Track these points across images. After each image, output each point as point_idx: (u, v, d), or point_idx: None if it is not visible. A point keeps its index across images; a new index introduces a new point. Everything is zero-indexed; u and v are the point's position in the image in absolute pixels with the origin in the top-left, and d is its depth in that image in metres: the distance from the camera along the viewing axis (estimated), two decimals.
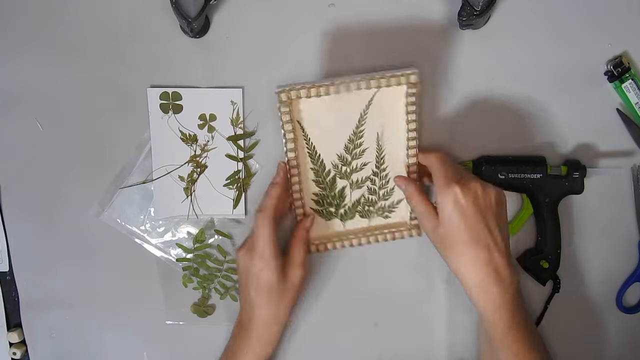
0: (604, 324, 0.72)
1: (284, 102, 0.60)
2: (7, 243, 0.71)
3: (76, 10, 0.69)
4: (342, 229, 0.69)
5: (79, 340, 0.72)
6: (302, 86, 0.60)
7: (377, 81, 0.61)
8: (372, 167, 0.67)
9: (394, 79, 0.61)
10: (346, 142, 0.66)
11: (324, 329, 0.72)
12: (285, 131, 0.63)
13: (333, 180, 0.67)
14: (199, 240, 0.70)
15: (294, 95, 0.60)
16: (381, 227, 0.69)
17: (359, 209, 0.68)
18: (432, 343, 0.72)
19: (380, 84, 0.61)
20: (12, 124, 0.70)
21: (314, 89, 0.60)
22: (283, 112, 0.61)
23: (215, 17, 0.69)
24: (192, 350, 0.72)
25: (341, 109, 0.64)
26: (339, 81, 0.61)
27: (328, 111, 0.63)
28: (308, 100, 0.62)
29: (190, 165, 0.70)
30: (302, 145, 0.65)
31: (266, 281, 0.62)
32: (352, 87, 0.61)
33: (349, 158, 0.66)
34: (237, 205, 0.70)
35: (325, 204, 0.68)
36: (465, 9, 0.64)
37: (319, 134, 0.65)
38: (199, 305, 0.72)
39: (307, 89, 0.60)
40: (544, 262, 0.68)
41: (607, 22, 0.69)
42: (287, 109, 0.61)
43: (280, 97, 0.60)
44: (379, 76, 0.61)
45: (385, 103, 0.64)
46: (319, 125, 0.64)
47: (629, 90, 0.68)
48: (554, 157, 0.70)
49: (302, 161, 0.65)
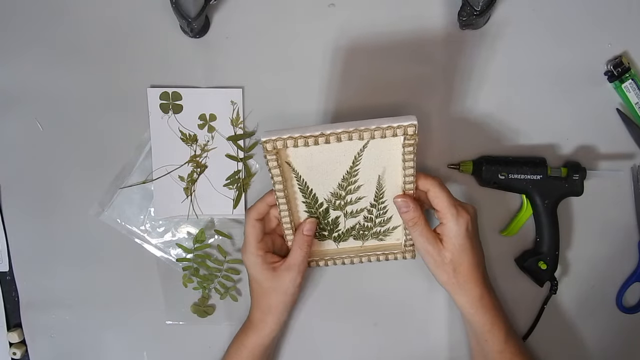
0: (604, 324, 0.72)
1: (270, 151, 0.56)
2: (7, 243, 0.71)
3: (76, 10, 0.69)
4: (335, 248, 0.67)
5: (79, 340, 0.72)
6: (289, 136, 0.55)
7: (370, 133, 0.55)
8: (370, 200, 0.63)
9: (389, 130, 0.55)
10: (340, 181, 0.61)
11: (324, 329, 0.72)
12: (273, 175, 0.58)
13: (326, 211, 0.64)
14: (199, 240, 0.70)
15: (279, 145, 0.55)
16: (375, 247, 0.67)
17: (353, 234, 0.66)
18: (432, 343, 0.72)
19: (374, 136, 0.55)
20: (12, 124, 0.70)
21: (302, 139, 0.55)
22: (270, 159, 0.57)
23: (215, 17, 0.69)
24: (192, 350, 0.72)
25: (332, 153, 0.59)
26: (329, 131, 0.55)
27: (319, 154, 0.59)
28: (295, 149, 0.57)
29: (190, 165, 0.70)
30: (293, 183, 0.61)
31: (255, 277, 0.64)
32: (344, 139, 0.55)
33: (342, 194, 0.62)
34: (237, 205, 0.70)
35: (318, 229, 0.65)
36: (465, 9, 0.64)
37: (310, 174, 0.60)
38: (199, 305, 0.72)
39: (294, 139, 0.55)
40: (542, 264, 0.68)
41: (607, 22, 0.69)
42: (273, 157, 0.57)
43: (265, 147, 0.56)
44: (374, 127, 0.55)
45: (381, 150, 0.59)
46: (310, 167, 0.60)
47: (629, 90, 0.68)
48: (554, 158, 0.70)
49: (292, 196, 0.62)
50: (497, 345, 0.63)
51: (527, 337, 0.71)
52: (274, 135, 0.56)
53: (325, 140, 0.55)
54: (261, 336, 0.65)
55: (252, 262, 0.63)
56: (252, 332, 0.65)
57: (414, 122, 0.55)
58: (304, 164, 0.60)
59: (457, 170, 0.69)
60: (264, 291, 0.64)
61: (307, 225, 0.63)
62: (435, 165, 0.70)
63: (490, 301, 0.63)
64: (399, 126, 0.55)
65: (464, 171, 0.68)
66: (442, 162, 0.70)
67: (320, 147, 0.57)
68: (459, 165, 0.69)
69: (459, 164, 0.69)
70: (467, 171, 0.69)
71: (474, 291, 0.62)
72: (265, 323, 0.65)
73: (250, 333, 0.65)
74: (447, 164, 0.70)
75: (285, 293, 0.63)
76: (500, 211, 0.71)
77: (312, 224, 0.63)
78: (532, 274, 0.69)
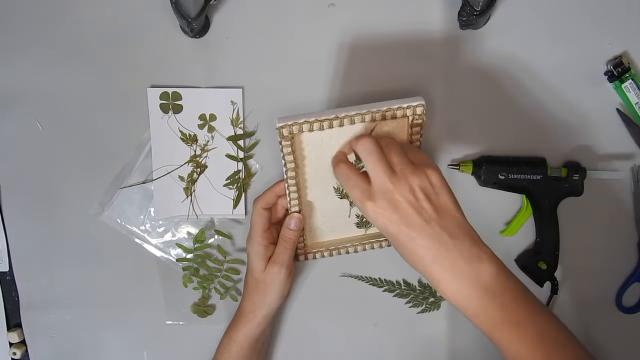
0: (604, 324, 0.72)
1: (285, 137, 0.57)
2: (7, 243, 0.71)
3: (76, 11, 0.69)
4: (339, 238, 0.68)
5: (79, 340, 0.72)
6: (305, 120, 0.56)
7: (382, 114, 0.57)
8: None
9: (399, 111, 0.58)
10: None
11: (324, 329, 0.72)
12: (287, 162, 0.60)
13: (332, 199, 0.65)
14: (199, 240, 0.70)
15: (295, 130, 0.57)
16: (377, 234, 0.68)
17: (356, 222, 0.68)
18: (432, 343, 0.72)
19: (386, 116, 0.58)
20: (12, 124, 0.70)
21: (317, 123, 0.57)
22: (284, 145, 0.58)
23: (215, 17, 0.69)
24: (192, 350, 0.72)
25: (341, 138, 0.60)
26: (343, 114, 0.57)
27: (330, 139, 0.60)
28: (310, 133, 0.58)
29: (190, 165, 0.70)
30: (304, 171, 0.62)
31: (252, 267, 0.64)
32: (357, 120, 0.57)
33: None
34: (237, 205, 0.70)
35: (324, 219, 0.67)
36: (465, 9, 0.64)
37: (319, 162, 0.61)
38: (199, 305, 0.72)
39: (309, 123, 0.57)
40: (542, 264, 0.68)
41: (607, 22, 0.69)
42: (288, 142, 0.58)
43: (281, 132, 0.57)
44: (385, 108, 0.57)
45: (387, 133, 0.60)
46: (319, 155, 0.61)
47: (629, 90, 0.68)
48: (554, 158, 0.70)
49: (302, 185, 0.63)
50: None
51: None
52: (290, 121, 0.56)
53: (339, 123, 0.57)
54: (250, 328, 0.65)
55: (255, 250, 0.63)
56: (242, 325, 0.65)
57: (422, 102, 0.58)
58: (314, 152, 0.60)
59: (457, 170, 0.69)
60: (256, 283, 0.64)
61: (292, 220, 0.63)
62: None
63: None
64: (408, 106, 0.58)
65: (464, 171, 0.68)
66: (442, 162, 0.70)
67: (330, 133, 0.58)
68: (459, 165, 0.69)
69: (459, 164, 0.69)
70: (467, 171, 0.69)
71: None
72: (254, 315, 0.65)
73: (239, 326, 0.65)
74: (447, 164, 0.70)
75: (274, 287, 0.64)
76: (500, 211, 0.71)
77: (297, 219, 0.63)
78: (532, 274, 0.69)
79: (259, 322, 0.65)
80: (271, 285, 0.64)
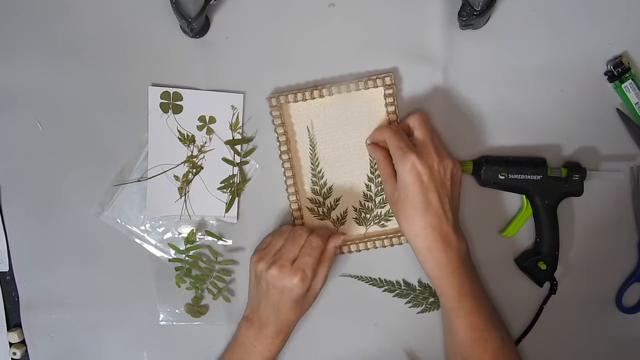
0: (604, 324, 0.72)
1: (274, 106, 0.67)
2: (7, 243, 0.71)
3: (76, 10, 0.69)
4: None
5: (79, 340, 0.72)
6: (290, 92, 0.67)
7: (355, 84, 0.67)
8: (367, 172, 0.69)
9: (370, 81, 0.67)
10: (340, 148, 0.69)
11: (324, 329, 0.72)
12: (278, 134, 0.67)
13: (330, 189, 0.70)
14: (189, 241, 0.70)
15: (282, 100, 0.67)
16: (378, 233, 0.70)
17: (354, 216, 0.69)
18: (432, 343, 0.72)
19: (359, 87, 0.67)
20: (12, 124, 0.70)
21: (300, 94, 0.67)
22: (275, 116, 0.67)
23: (215, 17, 0.69)
24: (192, 350, 0.72)
25: (330, 112, 0.69)
26: (321, 85, 0.67)
27: (316, 116, 0.69)
28: (296, 105, 0.68)
29: (186, 166, 0.70)
30: (297, 149, 0.69)
31: (298, 295, 0.63)
32: (334, 91, 0.67)
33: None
34: (229, 209, 0.70)
35: (320, 206, 0.70)
36: (465, 9, 0.64)
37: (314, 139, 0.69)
38: (192, 305, 0.71)
39: (293, 93, 0.67)
40: (541, 264, 0.68)
41: (607, 22, 0.69)
42: (278, 113, 0.67)
43: (270, 102, 0.67)
44: (358, 80, 0.67)
45: (367, 109, 0.69)
46: (314, 130, 0.69)
47: (629, 90, 0.68)
48: (554, 158, 0.70)
49: (297, 171, 0.69)
50: (448, 302, 0.63)
51: (524, 336, 0.71)
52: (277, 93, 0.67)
53: (319, 94, 0.67)
54: (271, 353, 0.66)
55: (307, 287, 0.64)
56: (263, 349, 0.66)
57: (391, 73, 0.67)
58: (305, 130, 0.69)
59: None
60: (297, 305, 0.64)
61: (339, 240, 0.67)
62: None
63: (439, 254, 0.62)
64: (377, 77, 0.67)
65: (464, 171, 0.68)
66: None
67: (316, 111, 0.68)
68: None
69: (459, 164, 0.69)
70: (467, 171, 0.69)
71: (417, 240, 0.62)
72: (278, 341, 0.66)
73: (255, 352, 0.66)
74: None
75: (314, 301, 0.67)
76: (500, 211, 0.71)
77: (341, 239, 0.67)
78: (531, 274, 0.69)
79: (278, 348, 0.67)
80: (313, 300, 0.67)
